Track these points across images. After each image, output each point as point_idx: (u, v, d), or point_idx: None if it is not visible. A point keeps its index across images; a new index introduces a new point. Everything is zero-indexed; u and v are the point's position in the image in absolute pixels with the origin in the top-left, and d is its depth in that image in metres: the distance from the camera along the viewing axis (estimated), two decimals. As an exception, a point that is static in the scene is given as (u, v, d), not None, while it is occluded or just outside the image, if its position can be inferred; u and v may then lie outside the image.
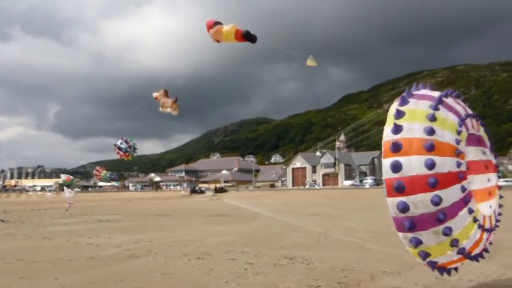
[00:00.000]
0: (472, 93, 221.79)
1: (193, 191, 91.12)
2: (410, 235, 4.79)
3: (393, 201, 4.73)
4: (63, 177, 33.30)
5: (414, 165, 4.64)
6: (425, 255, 4.89)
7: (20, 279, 7.80)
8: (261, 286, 6.97)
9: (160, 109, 12.34)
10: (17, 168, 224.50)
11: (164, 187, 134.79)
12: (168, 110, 12.10)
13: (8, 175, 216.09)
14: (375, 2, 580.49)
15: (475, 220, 4.84)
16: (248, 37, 7.80)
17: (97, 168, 29.76)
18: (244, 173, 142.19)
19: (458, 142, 4.80)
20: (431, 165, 4.56)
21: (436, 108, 4.94)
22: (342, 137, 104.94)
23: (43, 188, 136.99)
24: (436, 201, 4.53)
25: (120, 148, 19.64)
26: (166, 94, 12.34)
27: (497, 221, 5.63)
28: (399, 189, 4.65)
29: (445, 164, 4.64)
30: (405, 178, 4.63)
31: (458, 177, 4.67)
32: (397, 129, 4.83)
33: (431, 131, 4.71)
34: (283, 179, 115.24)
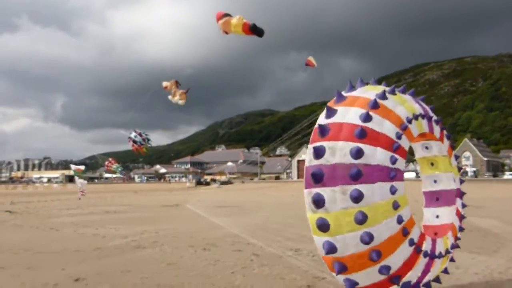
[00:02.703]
0: (479, 85, 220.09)
1: (199, 182, 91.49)
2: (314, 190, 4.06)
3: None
4: (73, 167, 33.67)
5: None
6: (323, 223, 4.04)
7: (28, 269, 7.86)
8: (267, 277, 6.98)
9: (170, 97, 12.50)
10: (23, 159, 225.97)
11: (170, 179, 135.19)
12: (176, 98, 12.26)
13: (15, 166, 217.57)
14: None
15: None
16: (255, 30, 7.85)
17: (110, 160, 29.99)
18: (249, 165, 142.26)
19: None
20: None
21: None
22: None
23: (49, 180, 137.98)
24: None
25: (134, 141, 19.68)
26: (177, 84, 12.51)
27: (455, 246, 5.08)
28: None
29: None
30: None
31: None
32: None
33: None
34: (288, 171, 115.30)
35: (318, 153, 4.03)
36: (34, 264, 8.23)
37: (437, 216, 5.52)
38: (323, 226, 3.98)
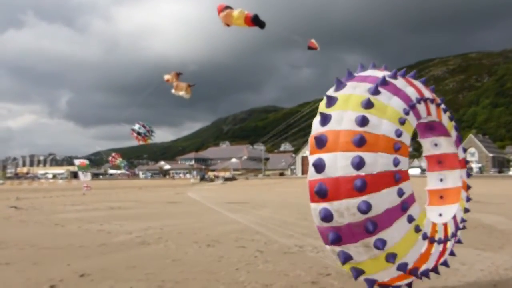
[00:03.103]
0: (484, 81, 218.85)
1: (203, 179, 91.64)
2: (337, 248, 4.03)
3: (316, 208, 3.98)
4: (77, 162, 33.75)
5: (339, 164, 3.84)
6: (357, 272, 4.07)
7: (33, 264, 7.91)
8: (271, 273, 6.98)
9: (173, 91, 12.27)
10: (29, 155, 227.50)
11: (174, 175, 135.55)
12: (181, 93, 12.03)
13: (20, 162, 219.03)
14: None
15: (417, 229, 4.06)
16: (256, 21, 7.80)
17: (113, 154, 29.89)
18: (253, 162, 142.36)
19: (399, 134, 4.02)
20: (359, 164, 3.77)
21: (375, 92, 4.15)
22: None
23: (54, 176, 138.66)
24: (364, 209, 3.75)
25: (138, 133, 19.51)
26: (177, 76, 12.27)
27: (458, 228, 4.93)
28: (320, 194, 3.88)
29: (378, 162, 3.85)
30: (329, 179, 3.86)
31: (394, 179, 3.90)
32: (325, 120, 4.08)
33: (363, 121, 3.92)
34: (292, 167, 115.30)
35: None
36: (39, 260, 8.28)
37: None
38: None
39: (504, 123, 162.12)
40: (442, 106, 5.06)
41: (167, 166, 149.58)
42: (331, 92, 4.38)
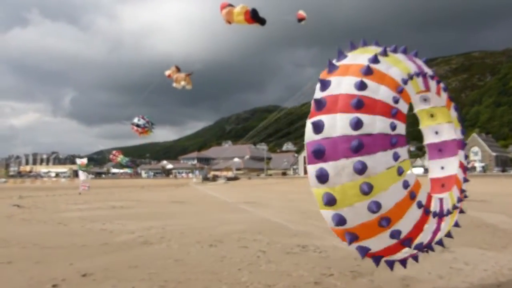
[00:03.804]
0: (487, 80, 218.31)
1: (205, 178, 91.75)
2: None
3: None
4: (79, 161, 33.72)
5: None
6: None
7: (36, 263, 7.91)
8: (273, 274, 6.96)
9: (174, 84, 12.26)
10: (32, 154, 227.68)
11: (177, 174, 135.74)
12: (182, 83, 12.02)
13: (23, 161, 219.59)
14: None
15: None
16: (255, 15, 7.79)
17: (114, 152, 29.77)
18: (256, 161, 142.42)
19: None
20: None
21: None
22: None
23: (57, 174, 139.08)
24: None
25: (138, 125, 19.40)
26: (178, 70, 12.29)
27: (460, 200, 4.89)
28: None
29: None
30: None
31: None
32: (324, 85, 4.09)
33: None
34: (295, 167, 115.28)
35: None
36: (42, 259, 8.28)
37: (442, 168, 5.45)
38: (330, 201, 3.91)
39: (507, 122, 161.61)
40: (442, 85, 5.01)
41: (169, 166, 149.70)
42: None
